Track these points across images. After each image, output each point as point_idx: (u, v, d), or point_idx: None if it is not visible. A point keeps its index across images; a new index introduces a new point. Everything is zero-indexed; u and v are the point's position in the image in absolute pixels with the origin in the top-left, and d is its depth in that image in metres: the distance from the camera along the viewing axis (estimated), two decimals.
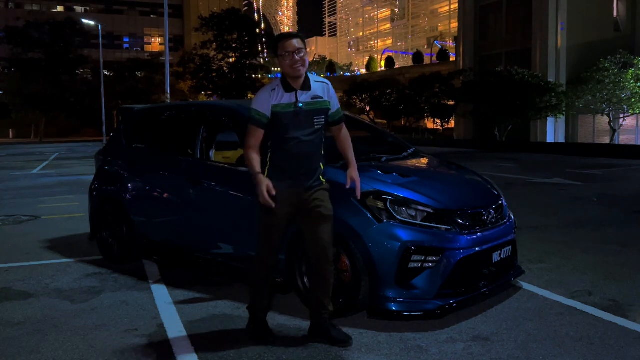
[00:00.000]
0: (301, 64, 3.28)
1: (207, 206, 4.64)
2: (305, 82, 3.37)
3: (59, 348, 3.50)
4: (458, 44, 43.04)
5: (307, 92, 3.37)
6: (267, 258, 3.49)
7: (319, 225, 3.38)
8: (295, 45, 3.28)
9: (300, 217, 3.43)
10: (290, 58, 3.27)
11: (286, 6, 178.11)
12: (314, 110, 3.37)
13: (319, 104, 3.39)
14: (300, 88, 3.35)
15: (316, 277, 3.47)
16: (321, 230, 3.38)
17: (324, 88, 3.44)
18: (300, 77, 3.34)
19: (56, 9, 77.37)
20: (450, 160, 5.23)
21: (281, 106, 3.30)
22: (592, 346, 3.44)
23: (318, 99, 3.39)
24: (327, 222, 3.40)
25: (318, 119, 3.38)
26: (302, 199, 3.37)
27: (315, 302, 3.50)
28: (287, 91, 3.33)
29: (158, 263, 5.40)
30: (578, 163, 18.40)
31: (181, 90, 52.45)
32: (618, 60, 27.85)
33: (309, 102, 3.35)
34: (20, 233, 7.21)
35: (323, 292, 3.46)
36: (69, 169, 18.33)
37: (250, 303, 3.62)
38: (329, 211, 3.42)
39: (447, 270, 3.76)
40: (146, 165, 5.39)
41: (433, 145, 33.63)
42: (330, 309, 3.50)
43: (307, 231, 3.43)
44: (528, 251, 5.73)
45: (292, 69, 3.29)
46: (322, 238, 3.38)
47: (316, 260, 3.42)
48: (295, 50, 3.27)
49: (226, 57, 49.32)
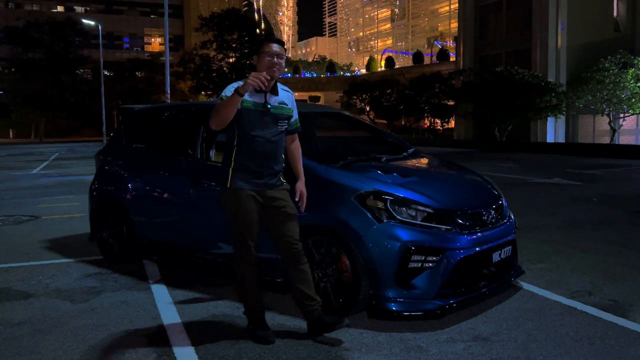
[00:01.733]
0: (278, 68, 3.44)
1: (207, 206, 4.64)
2: (274, 87, 3.52)
3: (59, 348, 3.50)
4: (458, 44, 43.05)
5: (275, 97, 3.52)
6: (247, 257, 3.52)
7: (286, 223, 3.50)
8: (276, 49, 3.45)
9: (266, 217, 3.51)
10: (270, 59, 3.42)
11: (286, 6, 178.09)
12: (280, 114, 3.52)
13: (284, 110, 3.56)
14: (270, 91, 3.49)
15: (295, 273, 3.52)
16: (289, 228, 3.50)
17: (289, 97, 3.64)
18: (273, 79, 3.46)
19: (56, 9, 77.36)
20: (450, 160, 5.23)
21: (252, 102, 3.42)
22: (592, 346, 3.44)
23: (284, 105, 3.56)
24: (294, 220, 3.54)
25: (282, 122, 3.54)
26: (266, 197, 3.48)
27: (301, 296, 3.53)
28: (257, 91, 3.43)
29: (158, 263, 5.40)
30: (578, 163, 18.40)
31: (181, 90, 52.44)
32: (618, 60, 27.86)
33: (276, 105, 3.51)
34: (20, 233, 7.21)
35: (306, 285, 3.52)
36: (69, 169, 18.33)
37: (245, 308, 3.64)
38: (294, 210, 3.56)
39: (447, 270, 3.76)
40: (146, 165, 5.39)
41: (433, 145, 33.64)
42: (318, 299, 3.53)
43: (275, 230, 3.53)
44: (528, 251, 5.73)
45: (269, 70, 3.41)
46: (292, 235, 3.50)
47: (290, 256, 3.51)
48: (276, 54, 3.43)
49: (226, 57, 49.33)
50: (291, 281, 3.57)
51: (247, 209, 3.43)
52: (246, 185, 3.43)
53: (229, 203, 3.48)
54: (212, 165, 4.82)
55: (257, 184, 3.45)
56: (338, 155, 4.52)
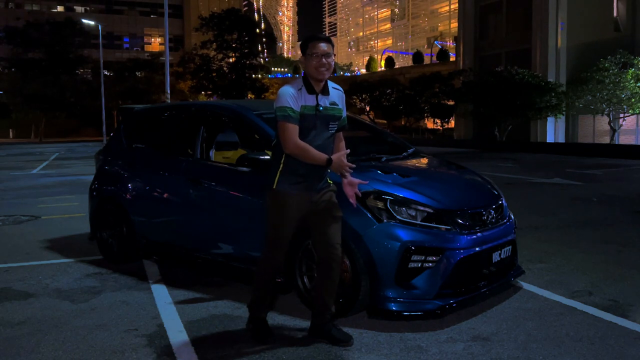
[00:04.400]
0: (327, 68, 3.31)
1: (207, 206, 4.64)
2: (325, 87, 3.39)
3: (59, 348, 3.50)
4: (458, 44, 43.03)
5: (326, 97, 3.39)
6: (275, 260, 3.49)
7: (330, 225, 3.41)
8: (324, 48, 3.30)
9: (310, 219, 3.44)
10: (318, 60, 3.29)
11: (286, 6, 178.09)
12: (331, 115, 3.40)
13: (336, 111, 3.43)
14: (321, 92, 3.37)
15: (323, 278, 3.46)
16: (332, 231, 3.41)
17: (340, 96, 3.50)
18: (323, 80, 3.36)
19: (56, 9, 77.39)
20: (450, 160, 5.23)
21: (307, 107, 3.31)
22: (592, 346, 3.44)
23: (335, 106, 3.43)
24: (338, 222, 3.44)
25: (332, 124, 3.42)
26: (313, 201, 3.39)
27: (319, 302, 3.50)
28: (310, 93, 3.34)
29: (158, 263, 5.40)
30: (578, 163, 18.40)
31: (181, 90, 52.47)
32: (618, 60, 27.85)
33: (327, 107, 3.38)
34: (20, 233, 7.21)
35: (328, 293, 3.46)
36: (69, 168, 18.33)
37: (251, 301, 3.62)
38: (339, 212, 3.46)
39: (447, 270, 3.76)
40: (146, 165, 5.39)
41: (433, 145, 33.63)
42: (332, 310, 3.51)
43: (317, 232, 3.44)
44: (528, 251, 5.73)
45: (317, 72, 3.31)
46: (333, 238, 3.41)
47: (325, 260, 3.42)
48: (324, 53, 3.30)
49: (226, 57, 49.37)
50: (315, 283, 3.53)
51: (289, 212, 3.36)
52: (293, 189, 3.34)
53: (272, 204, 3.39)
54: (212, 165, 4.83)
55: (304, 188, 3.36)
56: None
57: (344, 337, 3.48)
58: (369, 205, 3.81)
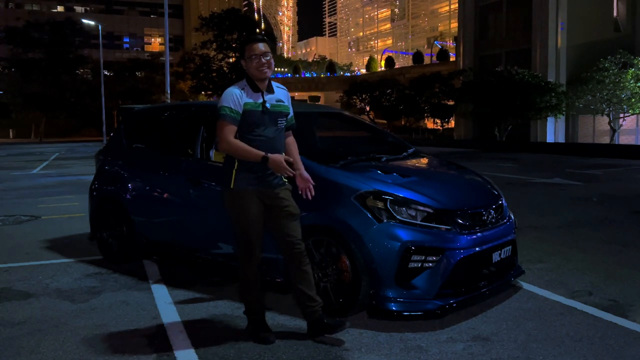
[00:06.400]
0: (267, 67, 3.44)
1: (207, 206, 4.64)
2: (269, 85, 3.52)
3: (59, 348, 3.50)
4: (458, 44, 43.04)
5: (271, 95, 3.51)
6: (250, 258, 3.52)
7: (289, 223, 3.49)
8: (261, 48, 3.44)
9: (268, 217, 3.50)
10: (258, 61, 3.42)
11: (286, 6, 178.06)
12: (278, 112, 3.51)
13: (282, 107, 3.55)
14: (266, 90, 3.49)
15: (297, 273, 3.51)
16: (292, 228, 3.49)
17: (285, 94, 3.63)
18: (266, 79, 3.49)
19: (56, 9, 77.43)
20: (450, 160, 5.23)
21: (251, 104, 3.42)
22: (592, 346, 3.44)
23: (281, 103, 3.55)
24: (296, 220, 3.53)
25: (280, 120, 3.53)
26: (269, 197, 3.46)
27: (302, 297, 3.52)
28: (255, 91, 3.45)
29: (158, 263, 5.40)
30: (578, 163, 18.39)
31: (181, 90, 52.50)
32: (618, 60, 27.84)
33: (274, 104, 3.50)
34: (20, 233, 7.21)
35: (307, 285, 3.51)
36: (69, 168, 18.33)
37: (245, 308, 3.64)
38: (296, 209, 3.54)
39: (447, 270, 3.76)
40: (146, 165, 5.39)
41: (433, 145, 33.63)
42: (319, 300, 3.53)
43: (277, 230, 3.51)
44: (528, 251, 5.73)
45: (258, 72, 3.43)
46: (294, 235, 3.49)
47: (293, 257, 3.49)
48: (261, 53, 3.43)
49: (226, 57, 49.36)
50: (292, 281, 3.56)
51: (251, 210, 3.43)
52: (249, 186, 3.42)
53: (233, 204, 3.46)
54: (212, 165, 4.82)
55: (260, 184, 3.44)
56: (338, 155, 4.52)
57: (338, 322, 3.51)
58: (369, 205, 3.81)
